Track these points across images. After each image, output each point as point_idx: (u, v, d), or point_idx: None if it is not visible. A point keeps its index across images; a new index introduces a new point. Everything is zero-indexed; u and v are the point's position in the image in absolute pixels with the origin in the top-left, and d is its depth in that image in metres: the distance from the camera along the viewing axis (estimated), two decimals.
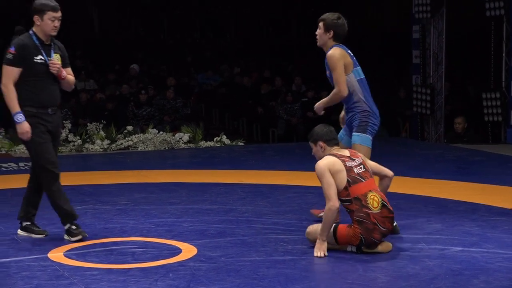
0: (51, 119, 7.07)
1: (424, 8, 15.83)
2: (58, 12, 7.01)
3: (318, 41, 7.59)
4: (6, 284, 5.83)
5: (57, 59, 7.06)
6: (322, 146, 6.74)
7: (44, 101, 7.03)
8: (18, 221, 7.86)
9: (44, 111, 7.02)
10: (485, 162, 12.11)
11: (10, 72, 6.94)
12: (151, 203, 8.76)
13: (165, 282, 5.83)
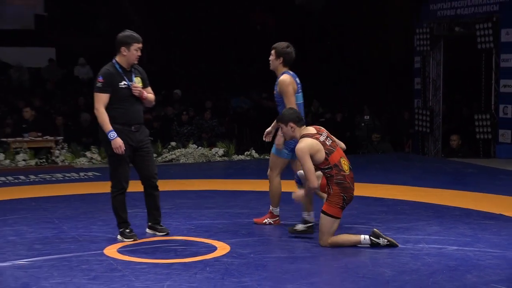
0: (134, 136, 7.06)
1: (424, 42, 15.84)
2: (141, 43, 7.07)
3: (271, 65, 7.86)
4: (68, 276, 5.86)
5: (138, 82, 7.09)
6: (292, 127, 6.83)
7: (128, 120, 7.05)
8: (81, 222, 7.93)
9: (128, 129, 7.03)
10: (477, 174, 12.03)
11: (100, 98, 7.03)
12: (191, 208, 8.78)
13: (203, 275, 5.85)
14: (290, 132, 6.85)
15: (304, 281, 5.68)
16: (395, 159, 14.45)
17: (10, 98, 18.51)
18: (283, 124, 6.87)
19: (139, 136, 7.12)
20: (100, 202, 9.32)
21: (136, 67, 7.20)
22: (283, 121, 6.87)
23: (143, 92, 7.08)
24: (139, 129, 7.14)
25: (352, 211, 8.53)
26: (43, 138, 14.41)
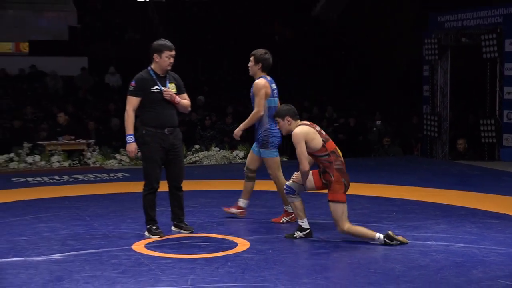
0: (167, 139, 7.07)
1: (432, 52, 15.80)
2: (173, 51, 7.08)
3: (250, 71, 7.77)
4: (99, 269, 5.88)
5: (172, 88, 7.10)
6: (288, 120, 6.80)
7: (160, 123, 7.05)
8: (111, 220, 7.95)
9: (161, 131, 7.04)
10: (482, 175, 11.95)
11: (130, 100, 7.06)
12: (214, 206, 8.78)
13: (225, 269, 5.85)
14: (286, 125, 6.82)
15: (319, 275, 5.67)
16: (405, 162, 14.39)
17: (46, 104, 18.63)
18: (280, 118, 6.84)
19: (172, 139, 7.11)
20: (128, 201, 9.35)
21: (172, 74, 7.21)
22: (280, 115, 6.84)
23: (175, 97, 7.07)
24: (173, 132, 7.13)
25: (365, 210, 8.51)
26: (76, 141, 14.48)
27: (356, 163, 14.14)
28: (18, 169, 13.54)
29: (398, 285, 5.41)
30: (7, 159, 13.84)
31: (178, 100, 7.11)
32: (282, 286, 5.39)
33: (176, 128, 7.22)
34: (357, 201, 9.25)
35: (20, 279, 5.63)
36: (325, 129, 16.97)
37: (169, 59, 7.07)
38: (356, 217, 8.10)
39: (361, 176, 11.75)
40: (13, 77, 20.71)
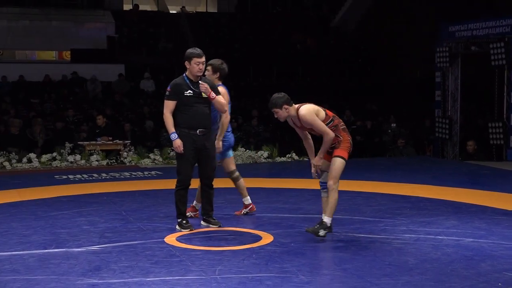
0: (198, 139, 7.07)
1: (444, 59, 15.69)
2: (201, 58, 7.08)
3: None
4: (134, 260, 5.90)
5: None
6: (286, 108, 6.64)
7: (192, 124, 7.07)
8: (145, 214, 7.96)
9: (193, 132, 7.06)
10: (491, 175, 11.84)
11: (166, 104, 7.09)
12: (239, 203, 8.75)
13: (250, 261, 5.84)
14: (285, 113, 6.65)
15: (338, 267, 5.65)
16: (418, 162, 14.29)
17: (86, 107, 18.75)
18: (278, 108, 6.63)
19: (204, 139, 7.10)
20: (161, 197, 9.37)
21: (206, 80, 7.18)
22: (277, 106, 6.63)
23: (210, 91, 7.04)
24: (205, 133, 7.12)
25: (381, 207, 8.47)
26: (113, 142, 14.55)
27: (372, 162, 14.10)
28: (60, 167, 13.63)
29: (411, 276, 5.37)
30: (50, 158, 13.94)
31: (214, 95, 7.06)
32: (303, 277, 5.38)
33: (209, 129, 7.20)
34: (374, 198, 9.22)
35: (61, 268, 5.66)
36: None
37: (198, 66, 7.08)
38: (372, 213, 8.07)
39: (377, 175, 11.71)
40: (56, 82, 20.87)
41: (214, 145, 7.31)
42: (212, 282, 5.23)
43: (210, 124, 7.22)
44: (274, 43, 24.96)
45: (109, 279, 5.33)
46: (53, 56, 24.77)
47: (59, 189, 10.37)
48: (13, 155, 13.71)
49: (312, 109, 6.63)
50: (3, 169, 13.31)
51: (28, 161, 13.71)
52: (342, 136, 6.70)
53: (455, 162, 14.96)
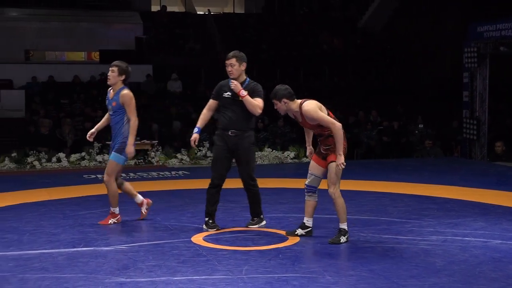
0: (230, 140, 7.09)
1: (472, 60, 15.55)
2: (228, 60, 7.09)
3: (111, 80, 7.64)
4: (161, 259, 5.93)
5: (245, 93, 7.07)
6: (286, 102, 6.55)
7: (226, 125, 7.12)
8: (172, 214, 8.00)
9: (226, 133, 7.10)
10: None
11: (208, 102, 7.26)
12: (266, 203, 8.72)
13: (276, 261, 5.84)
14: (284, 106, 6.57)
15: (364, 268, 5.62)
16: (446, 163, 14.19)
17: None
18: (277, 100, 6.56)
19: (236, 140, 7.09)
20: (188, 197, 9.40)
21: (249, 84, 7.13)
22: (277, 98, 6.56)
23: (240, 89, 7.00)
24: (237, 134, 7.10)
25: (408, 208, 8.42)
26: (141, 142, 14.61)
27: (399, 163, 14.02)
28: (89, 166, 13.74)
29: (438, 278, 5.33)
30: (79, 158, 14.05)
31: (244, 93, 7.01)
32: (329, 277, 5.36)
33: (244, 132, 7.14)
34: (400, 199, 9.17)
35: (89, 267, 5.71)
36: (370, 132, 16.99)
37: (227, 67, 7.10)
38: (399, 214, 8.02)
39: (404, 175, 11.64)
40: (85, 83, 21.03)
41: (248, 147, 7.20)
42: (238, 282, 5.23)
43: (245, 126, 7.15)
44: (300, 44, 24.93)
45: (136, 278, 5.36)
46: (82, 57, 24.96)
47: (88, 189, 10.44)
48: (43, 155, 13.84)
49: (316, 104, 6.53)
50: (33, 169, 13.45)
51: (58, 161, 13.84)
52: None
53: (483, 163, 14.82)
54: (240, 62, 7.09)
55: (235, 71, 7.07)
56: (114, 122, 7.59)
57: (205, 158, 14.46)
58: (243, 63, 7.12)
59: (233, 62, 7.07)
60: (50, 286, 5.15)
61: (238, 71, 7.09)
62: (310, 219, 6.82)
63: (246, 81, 7.15)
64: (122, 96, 7.51)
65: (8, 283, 5.24)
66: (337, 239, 6.48)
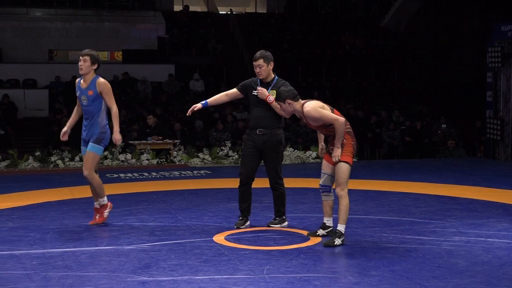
0: (258, 138, 7.12)
1: (496, 59, 15.43)
2: (255, 61, 7.11)
3: (84, 70, 7.39)
4: (183, 258, 5.94)
5: (272, 94, 7.06)
6: (290, 103, 6.46)
7: (253, 124, 7.18)
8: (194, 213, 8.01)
9: (254, 132, 7.15)
10: None
11: (232, 89, 7.35)
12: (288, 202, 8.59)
13: (298, 261, 5.82)
14: (289, 108, 6.50)
15: (386, 268, 5.59)
16: (469, 163, 14.07)
17: (137, 107, 18.96)
18: (281, 102, 6.50)
19: (264, 139, 7.11)
20: (210, 196, 9.42)
21: (278, 83, 7.15)
22: (281, 99, 6.50)
23: (266, 96, 7.03)
24: (265, 133, 7.12)
25: (430, 208, 8.37)
26: (163, 141, 14.68)
27: (422, 163, 13.93)
28: (111, 166, 13.82)
29: (461, 279, 5.29)
30: (102, 157, 14.13)
31: (271, 99, 7.04)
32: (351, 277, 5.34)
33: (271, 130, 7.14)
34: (423, 199, 9.11)
35: (112, 265, 5.73)
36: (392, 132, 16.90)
37: (255, 68, 7.16)
38: (422, 214, 7.97)
39: (427, 176, 11.58)
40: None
41: (276, 146, 7.18)
42: (260, 282, 5.23)
43: (273, 125, 7.15)
44: (323, 44, 24.88)
45: (158, 277, 5.37)
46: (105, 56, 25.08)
47: (110, 188, 10.48)
48: (66, 154, 13.94)
49: (317, 104, 6.45)
50: (56, 167, 13.55)
51: (80, 160, 13.92)
52: (346, 139, 6.48)
53: (507, 163, 14.69)
54: (267, 62, 7.12)
55: (263, 71, 7.10)
56: (90, 113, 7.35)
57: (227, 158, 14.48)
58: (270, 63, 7.15)
59: (260, 63, 7.09)
60: (73, 284, 5.18)
61: (266, 71, 7.12)
62: (330, 218, 6.79)
63: (274, 80, 7.19)
64: (100, 84, 7.36)
65: (32, 281, 5.28)
66: (331, 242, 6.38)
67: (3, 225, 7.54)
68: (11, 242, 6.63)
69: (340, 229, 6.44)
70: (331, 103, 7.29)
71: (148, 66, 21.70)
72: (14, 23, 23.21)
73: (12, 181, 11.50)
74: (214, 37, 24.63)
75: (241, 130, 16.75)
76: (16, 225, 7.54)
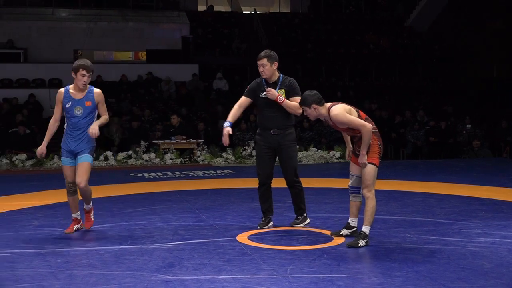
0: (273, 139, 7.13)
1: None
2: (260, 60, 7.10)
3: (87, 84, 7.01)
4: (206, 258, 5.94)
5: (281, 93, 7.08)
6: (315, 108, 6.42)
7: (266, 125, 7.17)
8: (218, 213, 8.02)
9: (268, 132, 7.15)
10: None
11: (241, 99, 7.26)
12: (311, 202, 8.72)
13: (321, 261, 5.81)
14: (314, 112, 6.46)
15: (410, 269, 5.55)
16: (494, 164, 13.95)
17: (161, 107, 19.04)
18: (307, 107, 6.45)
19: (279, 139, 7.13)
20: (233, 196, 9.43)
21: (285, 81, 7.18)
22: (306, 104, 6.45)
23: (276, 96, 7.03)
24: (279, 133, 7.13)
25: (455, 209, 8.31)
26: (187, 141, 14.73)
27: (446, 164, 13.84)
28: (135, 165, 13.89)
29: (486, 281, 5.24)
30: (126, 156, 14.22)
31: (282, 99, 7.04)
32: (375, 278, 5.32)
33: (285, 130, 7.16)
34: (447, 200, 9.05)
35: (136, 264, 5.76)
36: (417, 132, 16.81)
37: (259, 67, 7.15)
38: (446, 215, 7.92)
39: (451, 176, 11.50)
40: (132, 82, 21.28)
41: (290, 144, 7.21)
42: (283, 281, 5.22)
43: (285, 124, 7.17)
44: (347, 43, 24.80)
45: (182, 276, 5.39)
46: (129, 56, 25.25)
47: (134, 187, 10.56)
48: None
49: (344, 108, 6.42)
50: None
51: (105, 159, 14.03)
52: (372, 139, 6.44)
53: None
54: (271, 62, 7.10)
55: (267, 71, 7.10)
56: (82, 124, 6.95)
57: (250, 158, 14.50)
58: (274, 63, 7.13)
59: (264, 62, 7.09)
60: (97, 282, 5.22)
61: (270, 71, 7.11)
62: (355, 219, 6.78)
63: (280, 79, 7.18)
64: (99, 94, 7.04)
65: (57, 279, 5.32)
66: (355, 243, 6.37)
67: (29, 223, 7.62)
68: (36, 240, 6.70)
69: (365, 230, 6.42)
70: (355, 104, 7.28)
71: (172, 66, 21.79)
72: (40, 23, 23.44)
73: (38, 180, 11.61)
74: (238, 37, 24.66)
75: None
76: (41, 223, 7.61)
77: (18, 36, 23.03)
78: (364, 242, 6.36)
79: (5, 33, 22.84)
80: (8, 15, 23.34)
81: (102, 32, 23.85)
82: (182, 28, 24.35)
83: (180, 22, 24.52)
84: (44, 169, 13.41)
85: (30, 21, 23.31)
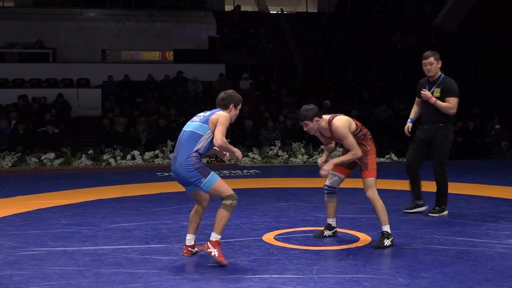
0: (427, 133, 7.74)
1: None
2: (426, 59, 7.61)
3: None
4: (232, 257, 5.95)
5: (436, 92, 7.61)
6: (317, 120, 6.40)
7: (422, 119, 7.84)
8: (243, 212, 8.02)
9: (423, 127, 7.76)
10: None
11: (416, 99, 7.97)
12: (348, 203, 8.64)
13: (347, 262, 5.79)
14: (316, 126, 6.43)
15: (437, 270, 5.51)
16: None
17: (187, 107, 19.10)
18: (309, 121, 6.39)
19: (431, 134, 7.69)
20: (259, 196, 9.43)
21: (444, 81, 7.65)
22: (308, 118, 6.38)
23: (429, 97, 7.57)
24: (433, 128, 7.70)
25: (483, 210, 8.23)
26: None
27: (474, 165, 13.72)
28: (162, 164, 13.95)
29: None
30: (153, 156, 14.29)
31: (433, 101, 7.53)
32: (401, 279, 5.28)
33: (439, 125, 7.66)
34: (475, 201, 8.97)
35: (162, 263, 5.79)
36: None
37: (425, 66, 7.60)
38: (474, 216, 7.85)
39: (479, 177, 11.40)
40: (159, 82, 21.38)
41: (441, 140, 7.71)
42: (309, 282, 5.21)
43: (439, 120, 7.66)
44: (373, 43, 24.68)
45: (208, 275, 5.40)
46: (156, 56, 25.38)
47: (161, 186, 10.60)
48: (118, 152, 14.13)
49: (347, 122, 6.42)
50: (109, 166, 13.75)
51: (132, 158, 14.10)
52: (369, 145, 6.57)
53: None
54: (437, 60, 7.59)
55: (434, 68, 7.60)
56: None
57: (277, 157, 14.48)
58: (439, 61, 7.61)
59: (431, 61, 7.60)
60: (124, 281, 5.25)
61: (436, 68, 7.60)
62: (334, 219, 6.81)
63: (441, 78, 7.66)
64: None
65: (84, 277, 5.36)
66: (381, 243, 6.34)
67: (56, 221, 7.69)
68: (64, 239, 6.76)
69: (386, 229, 6.40)
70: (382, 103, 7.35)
71: (198, 66, 21.84)
72: (68, 23, 23.65)
73: (65, 179, 11.72)
74: (265, 37, 24.66)
75: (289, 129, 16.72)
76: (69, 222, 7.68)
77: (47, 36, 23.25)
78: (389, 241, 6.34)
79: (34, 34, 23.07)
80: (37, 15, 23.58)
81: (130, 32, 23.99)
82: (209, 28, 24.40)
83: (207, 22, 24.58)
84: (72, 168, 13.53)
85: (59, 21, 23.52)
